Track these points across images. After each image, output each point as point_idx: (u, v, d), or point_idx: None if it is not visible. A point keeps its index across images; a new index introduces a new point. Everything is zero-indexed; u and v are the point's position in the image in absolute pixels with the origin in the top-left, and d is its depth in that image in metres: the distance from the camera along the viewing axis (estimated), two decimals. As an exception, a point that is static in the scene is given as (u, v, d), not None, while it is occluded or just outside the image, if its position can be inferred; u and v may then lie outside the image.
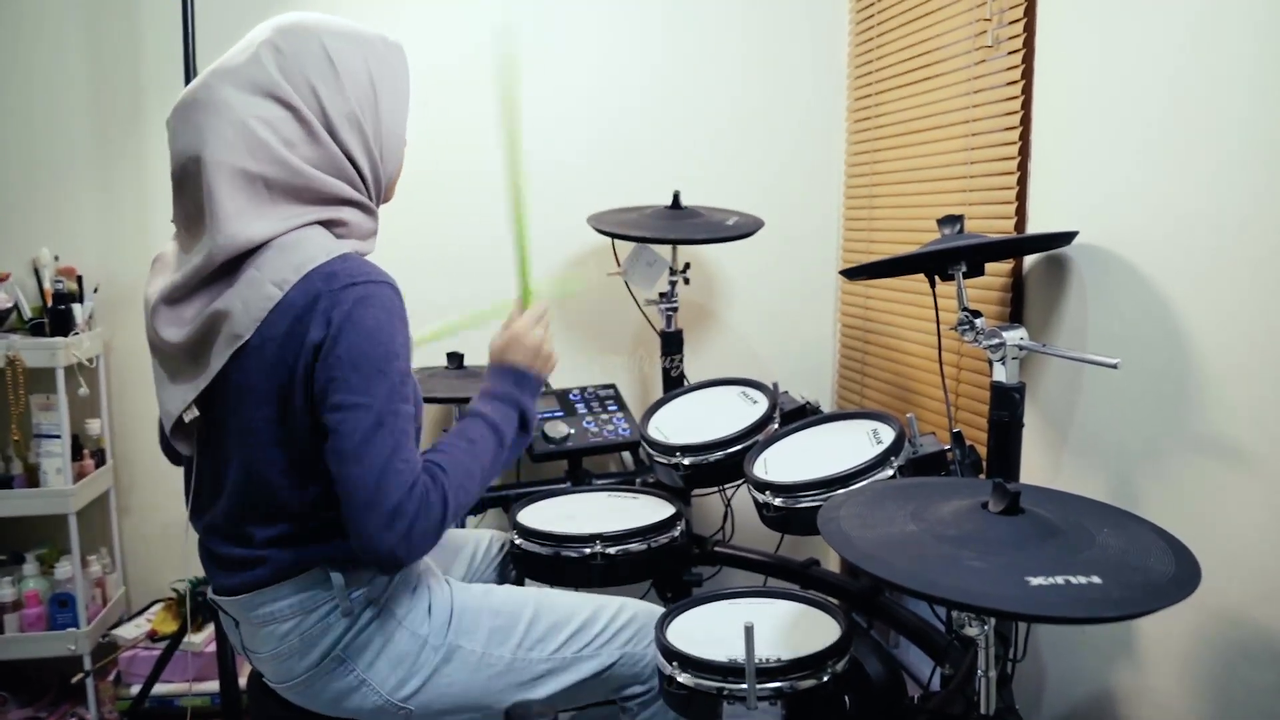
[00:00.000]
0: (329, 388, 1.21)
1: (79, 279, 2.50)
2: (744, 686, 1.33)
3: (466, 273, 2.67)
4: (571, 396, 2.56)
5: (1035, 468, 1.86)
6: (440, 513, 1.25)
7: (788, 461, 1.82)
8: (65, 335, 2.38)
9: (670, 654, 1.43)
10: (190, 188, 1.25)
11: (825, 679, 1.40)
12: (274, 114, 1.24)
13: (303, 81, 1.26)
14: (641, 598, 1.70)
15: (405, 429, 1.24)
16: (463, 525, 2.48)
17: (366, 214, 1.35)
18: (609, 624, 1.53)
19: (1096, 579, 1.03)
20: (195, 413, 1.31)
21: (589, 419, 2.48)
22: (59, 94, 2.54)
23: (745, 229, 2.41)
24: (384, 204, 1.42)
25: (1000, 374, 1.60)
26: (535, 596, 1.54)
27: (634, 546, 1.80)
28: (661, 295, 2.51)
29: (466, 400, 2.43)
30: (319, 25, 1.30)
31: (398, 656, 1.38)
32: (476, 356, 2.59)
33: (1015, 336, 1.58)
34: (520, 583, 1.87)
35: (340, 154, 1.29)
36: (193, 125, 1.24)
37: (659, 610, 1.60)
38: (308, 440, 1.26)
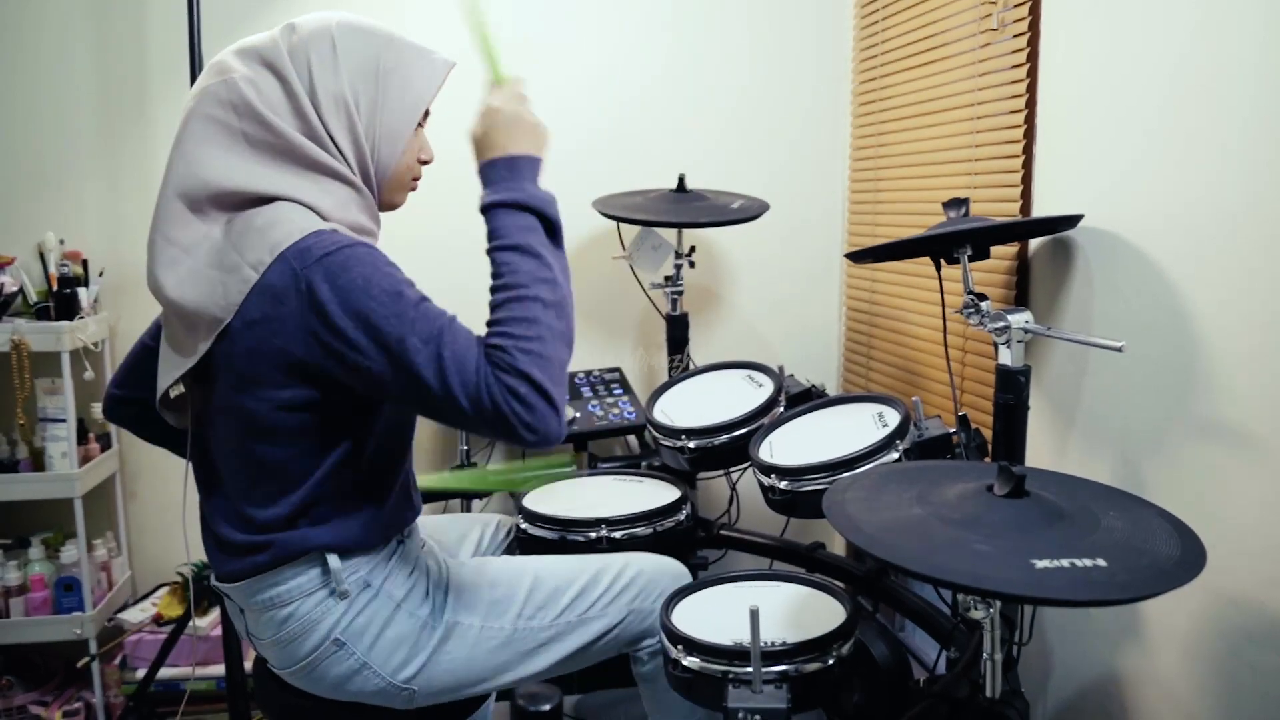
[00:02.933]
0: (353, 360, 1.18)
1: (84, 263, 2.49)
2: (749, 670, 1.34)
3: (458, 257, 2.68)
4: (577, 380, 2.56)
5: (1040, 451, 1.86)
6: (526, 385, 1.16)
7: (793, 445, 1.82)
8: (70, 319, 2.38)
9: (675, 637, 1.43)
10: None
11: (831, 662, 1.40)
12: (265, 80, 1.27)
13: (302, 59, 1.28)
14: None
15: (440, 349, 1.16)
16: (468, 508, 2.49)
17: (355, 193, 1.32)
18: (613, 583, 1.53)
19: (1102, 562, 1.02)
20: (181, 389, 1.34)
21: (594, 403, 2.48)
22: (65, 78, 2.54)
23: (750, 212, 2.40)
24: (386, 210, 1.40)
25: (1005, 357, 1.60)
26: (534, 565, 1.53)
27: (639, 530, 1.80)
28: (667, 279, 2.51)
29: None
30: (348, 19, 1.32)
31: (397, 638, 1.38)
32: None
33: (1020, 320, 1.58)
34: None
35: (322, 129, 1.28)
36: (195, 88, 1.30)
37: (668, 562, 1.60)
38: (316, 415, 1.26)
